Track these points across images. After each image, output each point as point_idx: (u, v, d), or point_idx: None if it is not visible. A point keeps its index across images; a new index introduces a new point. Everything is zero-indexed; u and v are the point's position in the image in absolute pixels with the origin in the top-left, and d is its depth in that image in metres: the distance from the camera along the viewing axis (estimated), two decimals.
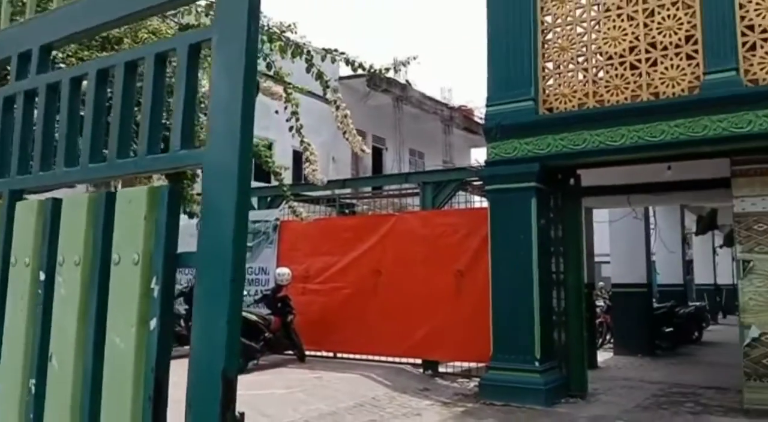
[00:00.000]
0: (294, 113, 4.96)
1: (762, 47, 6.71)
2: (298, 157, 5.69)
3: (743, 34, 6.79)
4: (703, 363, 11.21)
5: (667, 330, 12.73)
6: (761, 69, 6.68)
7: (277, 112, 5.65)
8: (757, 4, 6.74)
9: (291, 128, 4.91)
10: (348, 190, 12.38)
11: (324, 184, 5.03)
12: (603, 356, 11.62)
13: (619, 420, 6.58)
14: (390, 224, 9.85)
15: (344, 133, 4.79)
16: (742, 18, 6.80)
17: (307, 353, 9.88)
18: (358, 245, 10.01)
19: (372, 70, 4.74)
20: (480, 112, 18.90)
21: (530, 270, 7.62)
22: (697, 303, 16.31)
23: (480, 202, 9.66)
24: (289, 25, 4.52)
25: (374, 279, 9.65)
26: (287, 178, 9.24)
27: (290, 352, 9.88)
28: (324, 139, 15.72)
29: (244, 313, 9.09)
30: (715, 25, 6.89)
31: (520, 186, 7.76)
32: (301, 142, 4.98)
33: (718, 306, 20.40)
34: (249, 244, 11.16)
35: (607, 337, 13.01)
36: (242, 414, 1.57)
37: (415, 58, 5.16)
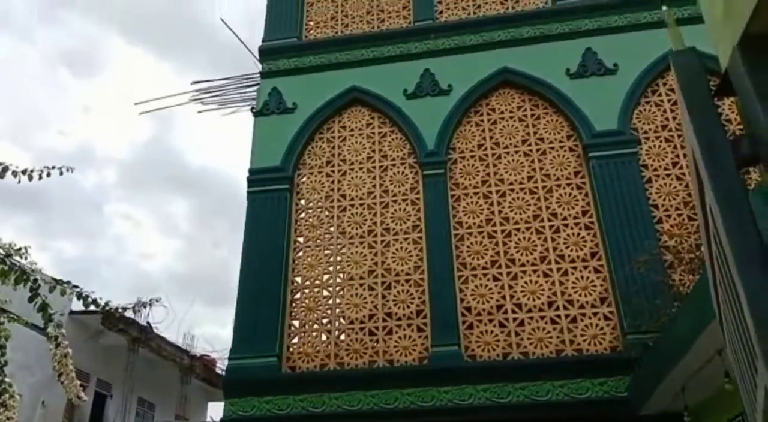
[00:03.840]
0: (1, 347, 4.22)
1: (477, 327, 7.68)
2: None
3: (463, 314, 7.76)
4: None
5: None
6: (477, 346, 7.56)
7: None
8: (473, 290, 7.88)
9: None
10: None
11: None
12: None
13: None
14: None
15: (60, 374, 4.16)
16: (462, 300, 7.85)
17: None
18: None
19: (107, 308, 4.36)
20: (223, 364, 18.17)
21: None
22: None
23: None
24: (19, 249, 4.08)
25: None
26: None
27: None
28: (37, 379, 13.58)
29: None
30: (441, 303, 7.82)
31: None
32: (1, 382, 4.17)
33: None
34: None
35: None
36: None
37: (158, 300, 4.91)
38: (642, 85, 8.63)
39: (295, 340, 8.10)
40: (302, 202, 9.03)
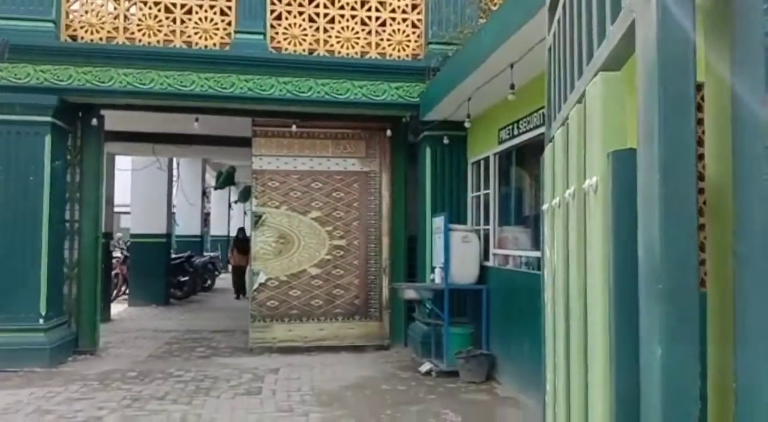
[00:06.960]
0: None
1: (286, 19, 7.31)
2: None
3: (272, 3, 7.27)
4: (214, 309, 12.00)
5: (183, 279, 13.16)
6: (284, 38, 7.29)
7: None
8: None
9: None
10: None
11: None
12: (117, 308, 11.26)
13: (131, 372, 6.41)
14: None
15: None
16: None
17: None
18: None
19: None
20: None
21: (39, 218, 6.70)
22: (212, 254, 17.41)
23: None
24: None
25: None
26: None
27: None
28: None
29: None
30: None
31: (33, 119, 6.69)
32: None
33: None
34: None
35: (123, 289, 12.67)
36: None
37: None
38: None
39: (76, 6, 7.08)
40: None
